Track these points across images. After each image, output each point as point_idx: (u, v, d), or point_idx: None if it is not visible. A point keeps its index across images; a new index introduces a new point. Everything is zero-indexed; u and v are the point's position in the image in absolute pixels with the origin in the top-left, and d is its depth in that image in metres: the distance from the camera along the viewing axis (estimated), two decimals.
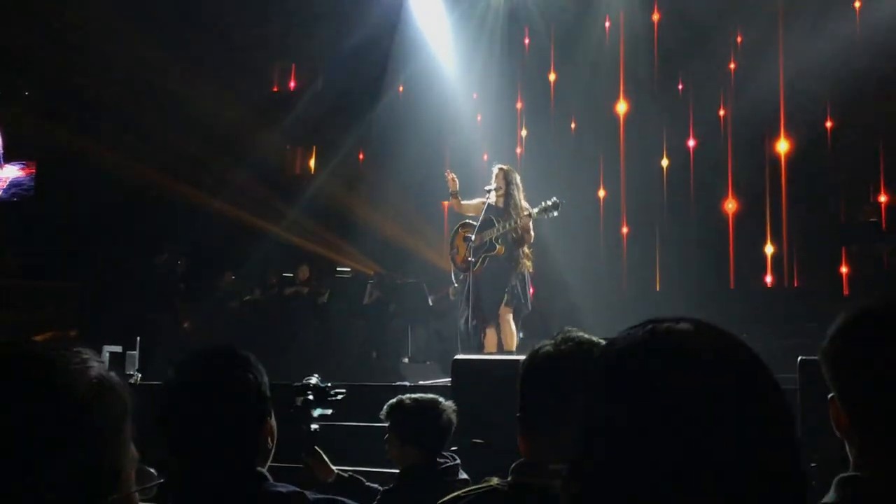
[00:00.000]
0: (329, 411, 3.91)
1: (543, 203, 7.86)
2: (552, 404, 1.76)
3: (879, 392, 1.41)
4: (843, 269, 10.99)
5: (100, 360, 1.23)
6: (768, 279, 11.94)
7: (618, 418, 0.92)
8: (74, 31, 12.42)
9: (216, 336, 10.26)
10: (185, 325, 11.86)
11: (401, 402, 3.81)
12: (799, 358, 4.64)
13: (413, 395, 3.89)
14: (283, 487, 2.00)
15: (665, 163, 12.57)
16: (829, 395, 1.50)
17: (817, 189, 11.67)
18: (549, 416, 1.78)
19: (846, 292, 10.58)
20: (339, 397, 3.93)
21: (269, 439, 2.07)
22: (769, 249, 11.95)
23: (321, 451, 3.96)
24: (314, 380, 3.93)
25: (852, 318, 1.49)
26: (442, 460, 3.71)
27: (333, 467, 3.98)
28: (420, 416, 3.74)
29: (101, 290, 11.89)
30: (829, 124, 11.54)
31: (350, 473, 4.01)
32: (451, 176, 8.22)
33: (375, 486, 3.93)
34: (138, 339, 8.86)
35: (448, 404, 3.82)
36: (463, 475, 3.65)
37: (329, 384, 3.96)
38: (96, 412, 1.18)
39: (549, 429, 1.77)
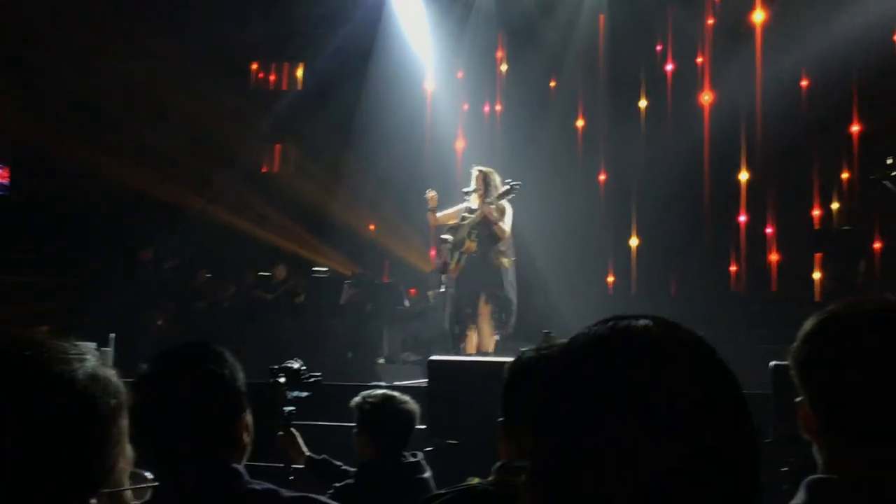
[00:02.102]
0: (304, 394, 3.95)
1: (502, 188, 7.83)
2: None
3: (847, 394, 1.43)
4: (816, 276, 11.09)
5: (95, 354, 1.22)
6: (741, 284, 12.02)
7: (576, 414, 0.92)
8: (52, 31, 12.30)
9: (192, 334, 10.20)
10: (160, 322, 11.78)
11: (363, 397, 3.83)
12: (772, 363, 4.67)
13: (375, 391, 3.93)
14: (258, 485, 1.99)
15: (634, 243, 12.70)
16: (798, 399, 1.52)
17: (791, 195, 11.79)
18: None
19: (818, 298, 10.68)
20: (313, 380, 3.97)
21: (245, 435, 2.05)
22: (742, 254, 12.05)
23: (295, 433, 4.00)
24: (290, 363, 3.98)
25: (820, 321, 1.50)
26: (404, 457, 3.72)
27: (306, 449, 4.02)
28: (378, 411, 3.77)
29: (77, 287, 11.80)
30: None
31: (323, 457, 4.02)
32: (431, 194, 8.18)
33: (350, 469, 3.94)
34: (112, 335, 8.78)
35: (406, 399, 3.84)
36: (426, 473, 3.66)
37: (304, 367, 4.00)
38: (88, 406, 1.17)
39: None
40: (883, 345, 1.42)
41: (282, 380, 3.91)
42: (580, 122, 13.14)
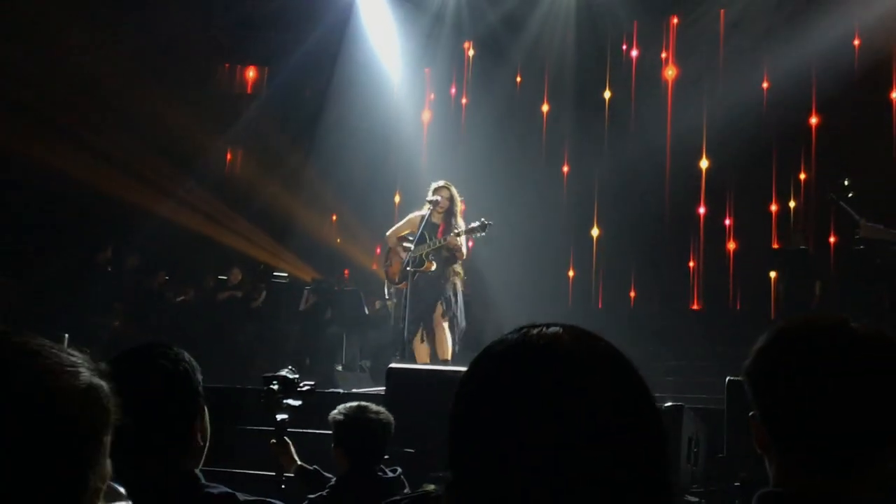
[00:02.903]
0: (298, 402, 3.93)
1: (471, 224, 7.93)
2: None
3: (798, 409, 1.45)
4: (772, 293, 11.23)
5: (92, 366, 1.16)
6: (698, 301, 12.15)
7: (489, 420, 0.94)
8: (18, 28, 12.13)
9: (148, 336, 10.08)
10: (117, 324, 11.63)
11: (338, 409, 3.82)
12: (727, 378, 4.72)
13: (350, 403, 3.90)
14: (214, 488, 1.97)
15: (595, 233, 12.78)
16: (751, 413, 1.54)
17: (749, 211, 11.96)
18: None
19: (773, 315, 10.82)
20: (307, 389, 3.96)
21: (200, 437, 2.02)
22: (700, 271, 12.18)
23: (288, 441, 4.00)
24: (285, 372, 3.95)
25: (773, 336, 1.53)
26: (382, 472, 3.69)
27: (297, 458, 4.01)
28: (349, 422, 3.75)
29: (32, 287, 11.60)
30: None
31: (314, 467, 4.01)
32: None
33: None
34: (66, 336, 8.66)
35: (379, 409, 3.82)
36: (405, 490, 3.62)
37: (297, 377, 3.98)
38: (79, 422, 1.10)
39: None
40: (834, 360, 1.45)
41: (275, 387, 3.88)
42: (545, 108, 13.20)
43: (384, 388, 5.86)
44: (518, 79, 13.34)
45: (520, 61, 13.06)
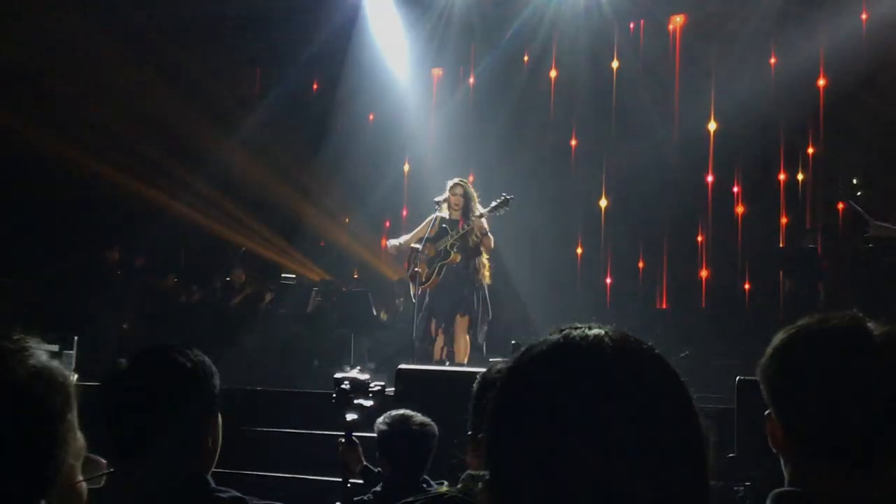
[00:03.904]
0: (369, 403, 3.96)
1: (493, 202, 7.87)
2: None
3: (814, 408, 1.45)
4: (782, 293, 11.19)
5: (43, 349, 1.19)
6: (707, 300, 12.12)
7: (528, 422, 0.94)
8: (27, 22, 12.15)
9: (157, 338, 10.10)
10: (125, 326, 11.66)
11: (382, 418, 3.85)
12: (737, 378, 4.71)
13: (394, 412, 3.89)
14: (224, 492, 1.96)
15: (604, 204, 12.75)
16: (766, 412, 1.53)
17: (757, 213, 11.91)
18: None
19: (782, 316, 10.77)
20: (377, 389, 4.01)
21: (211, 441, 2.02)
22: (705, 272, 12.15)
23: (356, 441, 4.03)
24: (355, 372, 3.99)
25: (789, 335, 1.52)
26: (426, 483, 3.68)
27: (363, 459, 4.04)
28: (391, 432, 3.75)
29: (41, 287, 11.63)
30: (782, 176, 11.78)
31: (378, 469, 4.02)
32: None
33: None
34: (76, 338, 8.69)
35: (424, 421, 3.80)
36: None
37: (368, 377, 4.04)
38: (34, 402, 1.13)
39: None
40: (850, 360, 1.45)
41: (346, 387, 3.92)
42: (553, 73, 13.12)
43: (393, 389, 5.87)
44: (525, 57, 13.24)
45: (526, 35, 12.92)
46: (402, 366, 6.09)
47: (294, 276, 12.54)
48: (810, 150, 11.67)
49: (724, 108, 11.76)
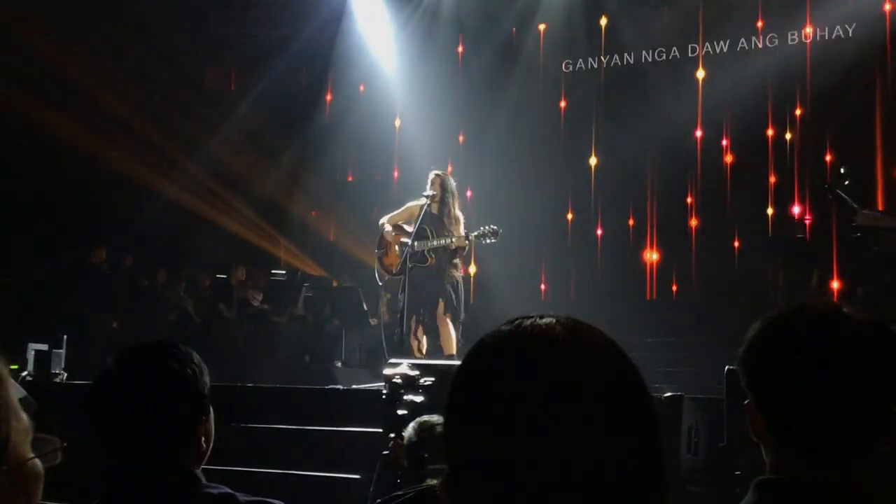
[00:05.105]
0: (420, 398, 4.00)
1: (483, 228, 7.91)
2: None
3: (794, 395, 1.46)
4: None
5: None
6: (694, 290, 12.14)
7: (481, 414, 0.93)
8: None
9: (147, 336, 10.05)
10: (115, 325, 11.62)
11: (412, 428, 3.85)
12: (726, 367, 4.72)
13: (429, 418, 3.89)
14: (214, 489, 1.96)
15: (594, 162, 12.74)
16: (746, 401, 1.54)
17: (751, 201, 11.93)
18: None
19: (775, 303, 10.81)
20: (427, 384, 4.05)
21: (204, 439, 2.01)
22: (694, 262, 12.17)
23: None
24: (405, 368, 4.01)
25: (767, 323, 1.53)
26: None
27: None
28: (423, 443, 3.74)
29: (30, 286, 11.59)
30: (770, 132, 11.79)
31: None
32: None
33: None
34: (65, 337, 8.66)
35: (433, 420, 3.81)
36: None
37: (417, 373, 4.09)
38: None
39: None
40: (827, 348, 1.45)
41: (398, 382, 3.96)
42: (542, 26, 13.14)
43: (383, 383, 5.86)
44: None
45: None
46: (392, 360, 6.08)
47: (284, 272, 12.53)
48: (797, 112, 11.71)
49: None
